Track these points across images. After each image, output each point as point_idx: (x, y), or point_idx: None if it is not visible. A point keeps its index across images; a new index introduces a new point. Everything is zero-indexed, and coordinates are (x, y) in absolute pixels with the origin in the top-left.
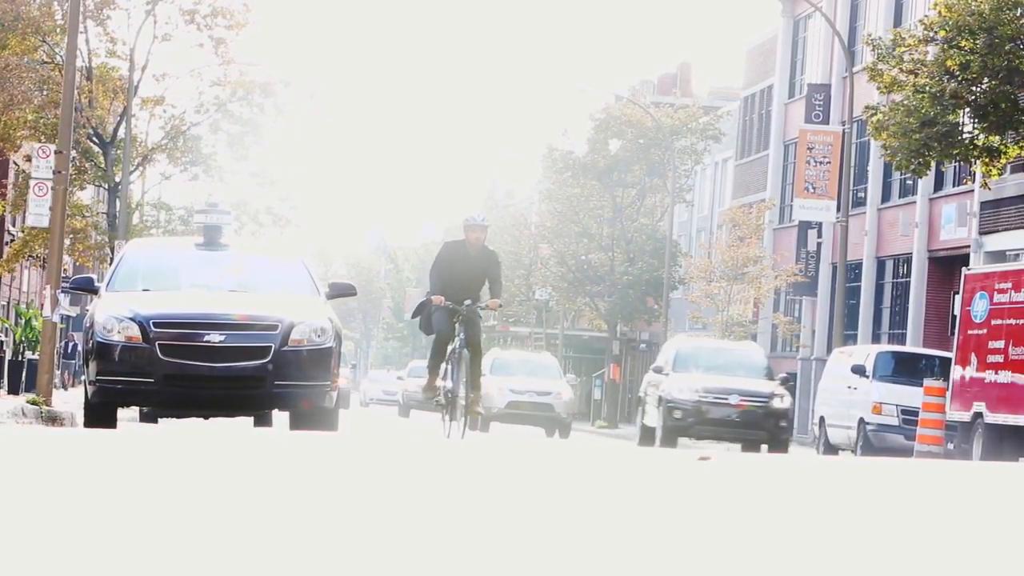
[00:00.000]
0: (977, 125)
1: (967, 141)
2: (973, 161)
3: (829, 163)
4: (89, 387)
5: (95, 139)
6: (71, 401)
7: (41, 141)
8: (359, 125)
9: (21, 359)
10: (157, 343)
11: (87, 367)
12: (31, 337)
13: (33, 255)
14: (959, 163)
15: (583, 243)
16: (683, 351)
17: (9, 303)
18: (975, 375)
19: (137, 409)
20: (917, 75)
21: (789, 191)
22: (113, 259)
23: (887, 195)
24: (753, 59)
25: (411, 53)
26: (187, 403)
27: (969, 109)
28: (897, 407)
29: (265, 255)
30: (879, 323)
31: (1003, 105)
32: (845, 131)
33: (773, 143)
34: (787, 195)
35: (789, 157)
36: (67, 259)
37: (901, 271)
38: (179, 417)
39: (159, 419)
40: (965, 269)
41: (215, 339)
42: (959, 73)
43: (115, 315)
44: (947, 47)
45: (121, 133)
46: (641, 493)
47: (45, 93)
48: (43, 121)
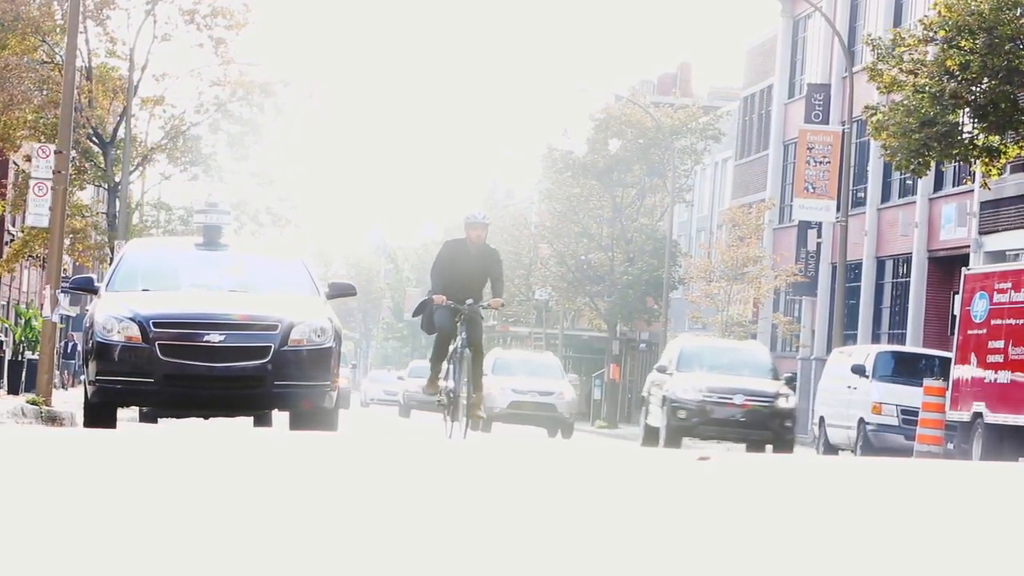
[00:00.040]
0: (977, 125)
1: (967, 141)
2: (973, 161)
3: (829, 163)
4: (89, 387)
5: (95, 139)
6: (71, 401)
7: (41, 141)
8: (359, 125)
9: (21, 359)
10: (157, 343)
11: (87, 367)
12: (31, 337)
13: (33, 255)
14: (959, 163)
15: (583, 243)
16: (687, 350)
17: (9, 303)
18: (975, 375)
19: (137, 409)
20: (917, 75)
21: (789, 191)
22: (113, 259)
23: (887, 195)
24: (753, 59)
25: (411, 53)
26: (187, 403)
27: (969, 109)
28: (897, 407)
29: (265, 255)
30: (879, 323)
31: (1003, 105)
32: (845, 131)
33: (773, 143)
34: (787, 195)
35: (789, 157)
36: (67, 259)
37: (901, 271)
38: (179, 417)
39: (159, 419)
40: (965, 269)
41: (215, 339)
42: (959, 73)
43: (115, 315)
44: (947, 47)
45: (121, 133)
46: (641, 494)
47: (45, 93)
48: (43, 121)
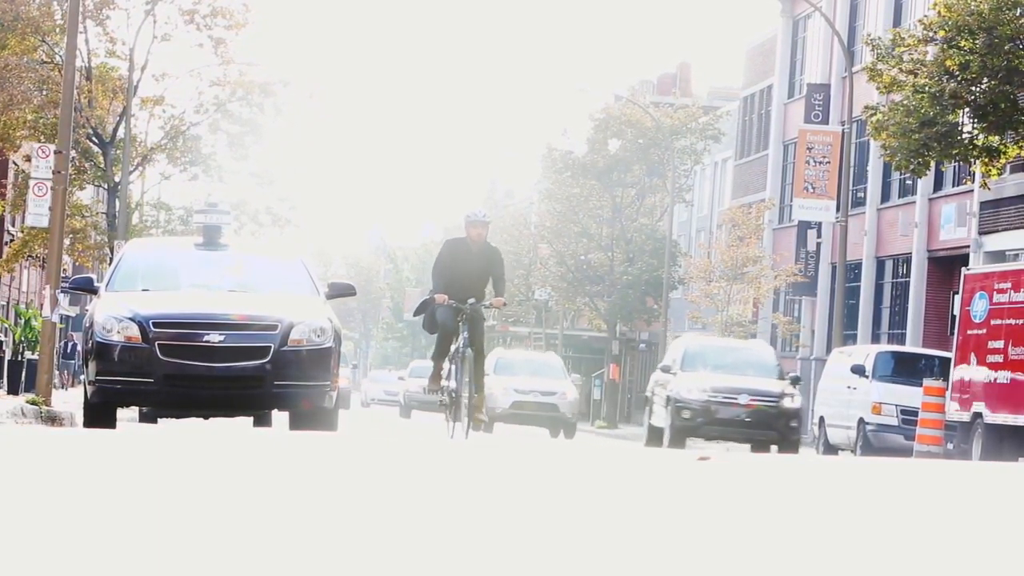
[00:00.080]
0: (976, 125)
1: (966, 141)
2: (972, 161)
3: (828, 163)
4: (89, 387)
5: (95, 139)
6: (71, 401)
7: (41, 141)
8: (358, 125)
9: (21, 359)
10: (156, 343)
11: (86, 367)
12: (31, 337)
13: (33, 255)
14: (958, 163)
15: (582, 243)
16: (691, 350)
17: (9, 303)
18: (975, 375)
19: (136, 409)
20: (916, 75)
21: (788, 191)
22: (112, 259)
23: (886, 195)
24: (753, 59)
25: (411, 53)
26: (186, 403)
27: (968, 109)
28: (897, 407)
29: (264, 255)
30: (878, 323)
31: (1002, 105)
32: (844, 131)
33: (772, 143)
34: (787, 195)
35: (789, 157)
36: (66, 259)
37: (901, 271)
38: (178, 417)
39: (158, 419)
40: (965, 269)
41: (214, 339)
42: (958, 73)
43: (114, 315)
44: (946, 47)
45: (121, 133)
46: (642, 495)
47: (45, 93)
48: (42, 121)
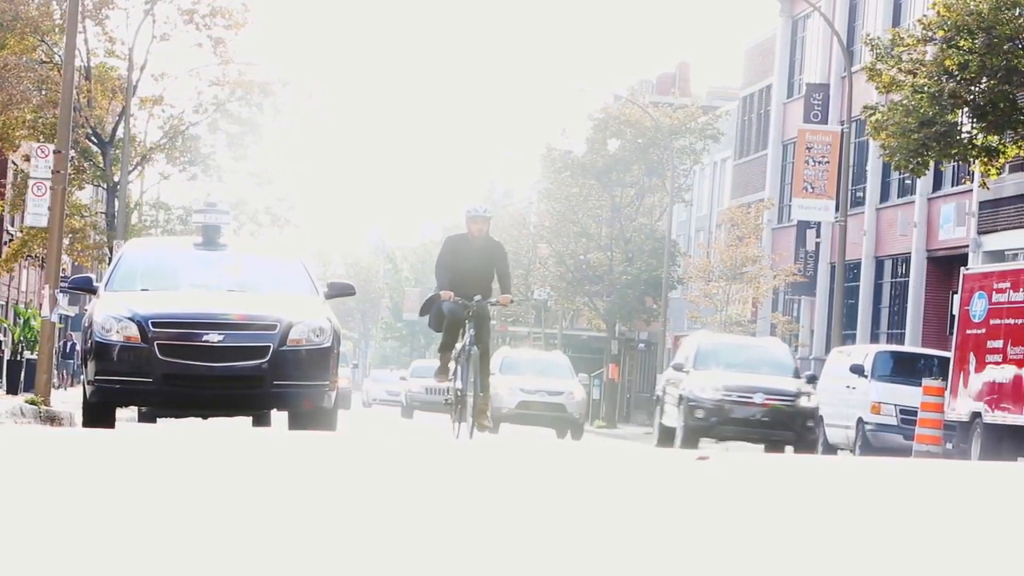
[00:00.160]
0: (976, 125)
1: (966, 141)
2: (972, 161)
3: (828, 163)
4: (88, 387)
5: (94, 139)
6: (70, 401)
7: (40, 141)
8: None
9: (20, 359)
10: (156, 343)
11: (86, 367)
12: (30, 337)
13: (32, 255)
14: (958, 163)
15: (582, 243)
16: (704, 348)
17: (8, 303)
18: (974, 375)
19: (136, 409)
20: (916, 75)
21: (788, 191)
22: (112, 259)
23: (886, 195)
24: (752, 59)
25: (411, 53)
26: (186, 403)
27: (968, 109)
28: (896, 407)
29: (264, 255)
30: (878, 323)
31: (1001, 105)
32: (844, 131)
33: (772, 143)
34: (786, 195)
35: (788, 157)
36: (66, 259)
37: (900, 271)
38: (178, 417)
39: (157, 419)
40: (964, 269)
41: (214, 339)
42: (958, 73)
43: (114, 315)
44: (946, 47)
45: (120, 133)
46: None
47: (44, 93)
48: (42, 121)
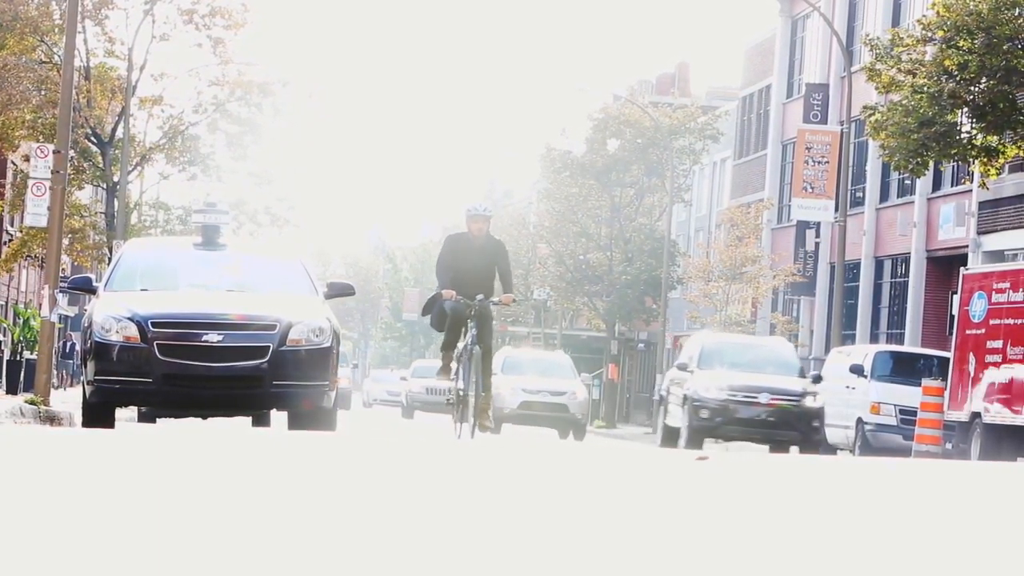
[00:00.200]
0: (975, 125)
1: (965, 141)
2: (971, 161)
3: (827, 163)
4: (87, 387)
5: (93, 139)
6: (69, 401)
7: (39, 141)
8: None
9: (19, 359)
10: (155, 343)
11: (85, 367)
12: (29, 337)
13: (31, 255)
14: (957, 163)
15: (581, 243)
16: (708, 347)
17: (7, 303)
18: (973, 375)
19: (135, 409)
20: (915, 75)
21: (787, 191)
22: (111, 259)
23: (885, 195)
24: (751, 59)
25: (411, 53)
26: (185, 403)
27: (967, 109)
28: (895, 407)
29: (263, 255)
30: (877, 323)
31: (1001, 105)
32: (843, 131)
33: (771, 143)
34: (785, 195)
35: (787, 157)
36: (65, 259)
37: (899, 271)
38: (177, 417)
39: (157, 419)
40: (963, 269)
41: (213, 339)
42: (957, 73)
43: (113, 315)
44: (945, 47)
45: (119, 133)
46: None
47: (43, 93)
48: (41, 121)
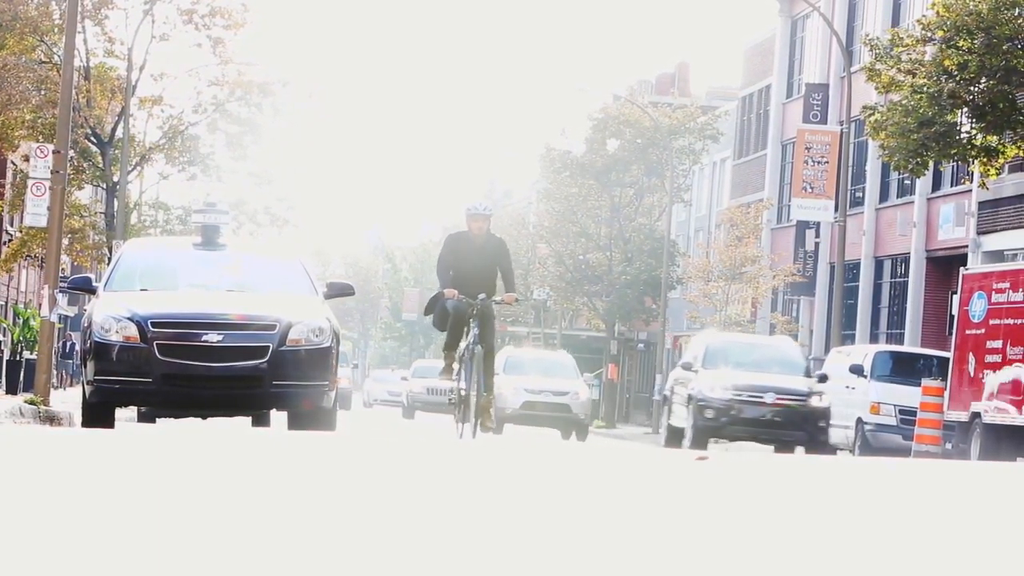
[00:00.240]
0: (975, 125)
1: (965, 141)
2: (971, 161)
3: (827, 163)
4: (87, 387)
5: (93, 139)
6: (69, 401)
7: (39, 141)
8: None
9: (19, 359)
10: (155, 343)
11: (85, 367)
12: (29, 337)
13: (31, 255)
14: (957, 163)
15: (581, 243)
16: (713, 346)
17: (7, 303)
18: (973, 375)
19: (135, 409)
20: (915, 75)
21: (787, 191)
22: (111, 259)
23: (885, 195)
24: (751, 59)
25: (411, 53)
26: (185, 403)
27: (967, 109)
28: (895, 407)
29: (263, 255)
30: (877, 323)
31: (1001, 105)
32: (843, 131)
33: (771, 143)
34: (785, 195)
35: (787, 157)
36: (65, 259)
37: (899, 271)
38: (177, 417)
39: (157, 419)
40: (963, 269)
41: (213, 339)
42: (957, 73)
43: (113, 315)
44: (945, 47)
45: (119, 133)
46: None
47: (43, 93)
48: (41, 121)
